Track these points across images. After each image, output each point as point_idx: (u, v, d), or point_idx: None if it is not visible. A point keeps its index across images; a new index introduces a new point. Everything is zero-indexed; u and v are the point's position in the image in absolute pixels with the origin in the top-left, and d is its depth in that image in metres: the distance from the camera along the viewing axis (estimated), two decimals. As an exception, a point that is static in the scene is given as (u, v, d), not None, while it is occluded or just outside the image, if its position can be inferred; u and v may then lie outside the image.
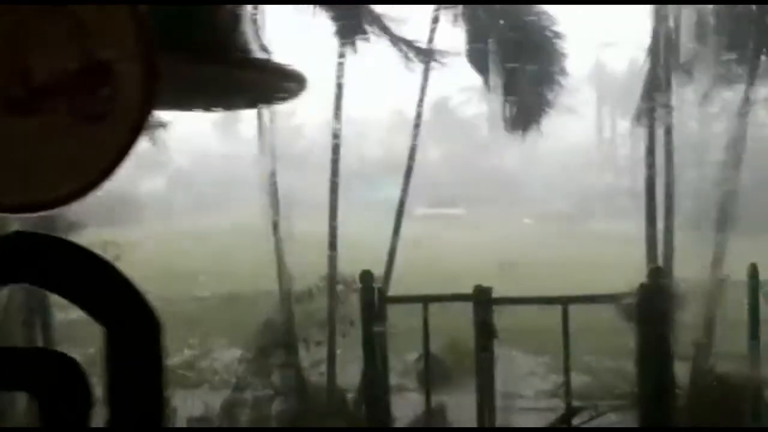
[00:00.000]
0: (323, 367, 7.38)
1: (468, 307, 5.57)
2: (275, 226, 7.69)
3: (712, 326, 6.39)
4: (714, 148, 7.60)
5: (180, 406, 8.13)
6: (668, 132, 7.07)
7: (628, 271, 6.52)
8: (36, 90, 0.76)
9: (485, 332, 5.48)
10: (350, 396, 7.03)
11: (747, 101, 6.69)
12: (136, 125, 0.77)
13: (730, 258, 6.67)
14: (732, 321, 6.15)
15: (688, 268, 6.93)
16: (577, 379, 7.95)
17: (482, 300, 5.40)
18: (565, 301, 5.25)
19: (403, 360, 7.45)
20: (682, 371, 6.37)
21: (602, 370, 7.79)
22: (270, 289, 8.06)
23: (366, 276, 5.61)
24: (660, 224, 7.04)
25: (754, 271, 5.41)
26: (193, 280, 12.55)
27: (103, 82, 0.76)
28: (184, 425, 7.75)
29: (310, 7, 7.36)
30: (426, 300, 5.52)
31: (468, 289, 5.47)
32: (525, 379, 7.48)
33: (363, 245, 8.85)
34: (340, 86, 7.69)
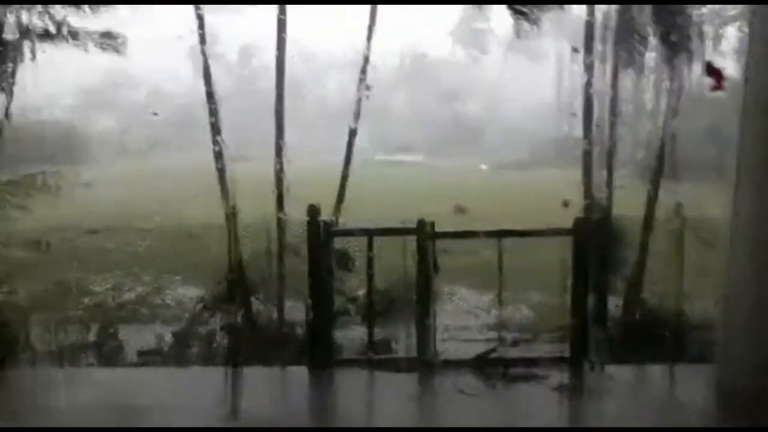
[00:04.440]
0: (275, 302, 7.55)
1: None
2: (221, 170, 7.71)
3: (645, 263, 6.69)
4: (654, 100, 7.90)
5: (133, 339, 8.28)
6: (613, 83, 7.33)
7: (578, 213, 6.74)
8: None
9: (426, 265, 5.64)
10: (299, 330, 7.23)
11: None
12: None
13: (667, 200, 6.96)
14: (665, 258, 6.43)
15: (627, 208, 7.21)
16: (520, 314, 8.31)
17: (423, 233, 5.55)
18: (500, 235, 5.43)
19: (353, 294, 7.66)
20: (613, 305, 6.68)
21: (544, 304, 8.11)
22: (221, 228, 8.13)
23: (312, 210, 5.69)
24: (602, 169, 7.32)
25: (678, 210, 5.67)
26: (146, 219, 12.49)
27: None
28: (136, 359, 7.89)
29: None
30: (370, 233, 5.65)
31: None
32: (471, 313, 7.76)
33: (321, 186, 8.92)
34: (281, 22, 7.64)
